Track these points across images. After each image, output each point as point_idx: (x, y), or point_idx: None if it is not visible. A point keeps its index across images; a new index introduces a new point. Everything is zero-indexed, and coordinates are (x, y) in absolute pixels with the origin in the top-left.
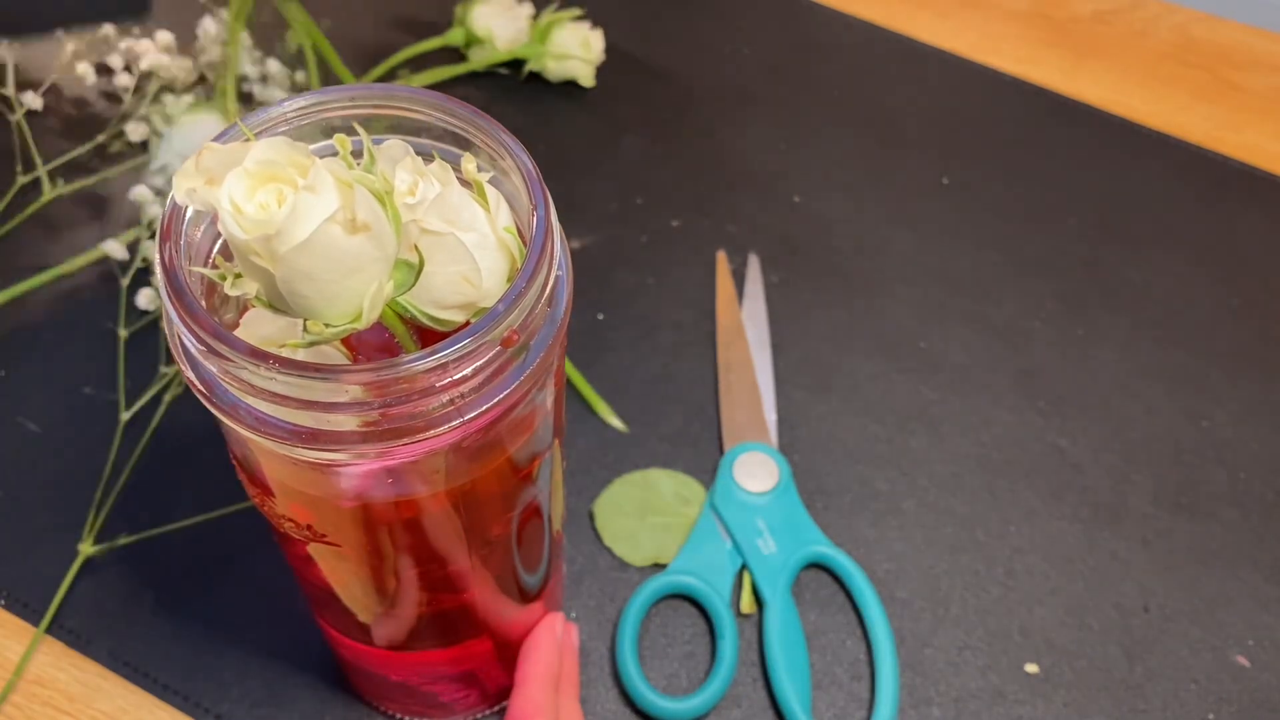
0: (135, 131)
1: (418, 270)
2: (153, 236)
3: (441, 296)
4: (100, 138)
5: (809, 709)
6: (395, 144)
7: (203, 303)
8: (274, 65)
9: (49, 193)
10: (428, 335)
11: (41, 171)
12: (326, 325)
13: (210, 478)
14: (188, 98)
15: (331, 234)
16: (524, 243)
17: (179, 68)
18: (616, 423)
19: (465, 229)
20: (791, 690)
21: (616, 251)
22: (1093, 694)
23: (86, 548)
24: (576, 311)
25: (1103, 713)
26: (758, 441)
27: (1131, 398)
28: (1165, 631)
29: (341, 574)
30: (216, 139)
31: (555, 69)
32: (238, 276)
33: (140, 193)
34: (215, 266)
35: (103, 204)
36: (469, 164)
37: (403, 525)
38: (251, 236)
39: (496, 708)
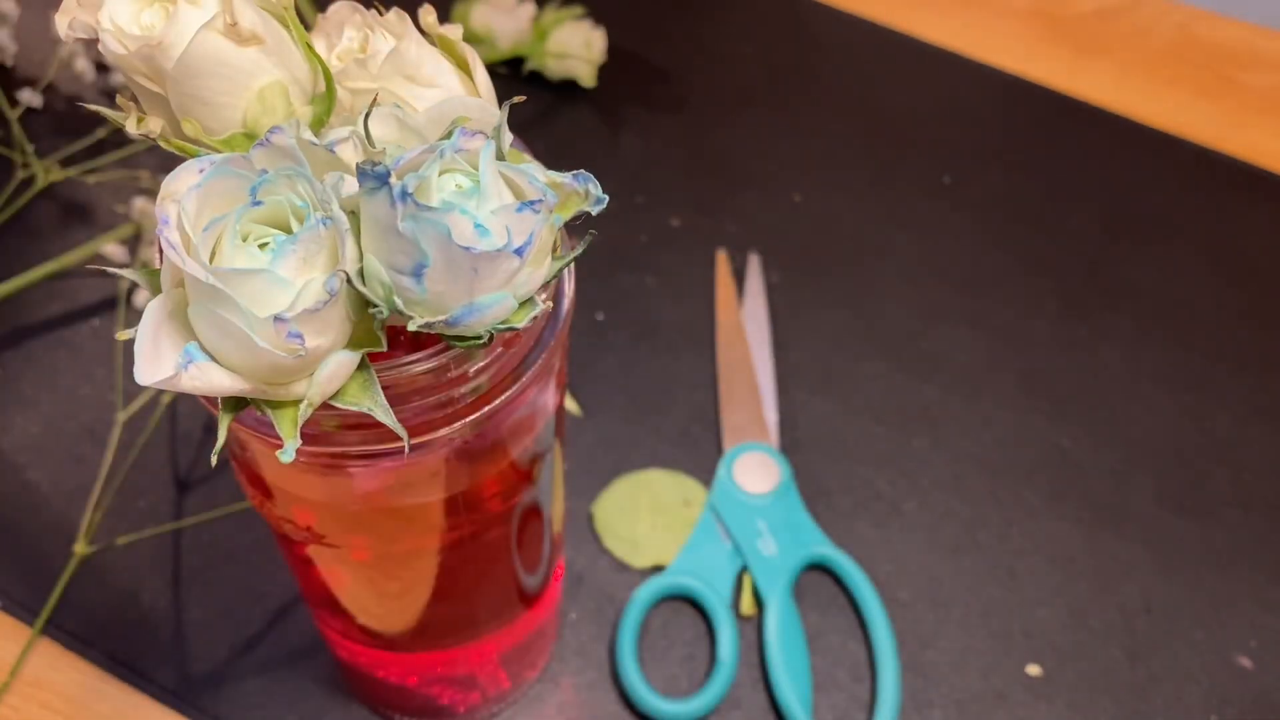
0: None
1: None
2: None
3: None
4: (100, 134)
5: (810, 711)
6: (343, 5)
7: None
8: None
9: (41, 182)
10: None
11: (38, 169)
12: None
13: (209, 478)
14: None
15: (215, 45)
16: None
17: None
18: (574, 407)
19: (426, 84)
20: (792, 692)
21: (616, 251)
22: (1095, 696)
23: (83, 548)
24: (576, 311)
25: (1105, 714)
26: (758, 442)
27: (1134, 398)
28: (1168, 633)
29: (341, 575)
30: None
31: (556, 68)
32: (141, 119)
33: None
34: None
35: (101, 203)
36: (428, 16)
37: (402, 527)
38: (133, 51)
39: (495, 710)
